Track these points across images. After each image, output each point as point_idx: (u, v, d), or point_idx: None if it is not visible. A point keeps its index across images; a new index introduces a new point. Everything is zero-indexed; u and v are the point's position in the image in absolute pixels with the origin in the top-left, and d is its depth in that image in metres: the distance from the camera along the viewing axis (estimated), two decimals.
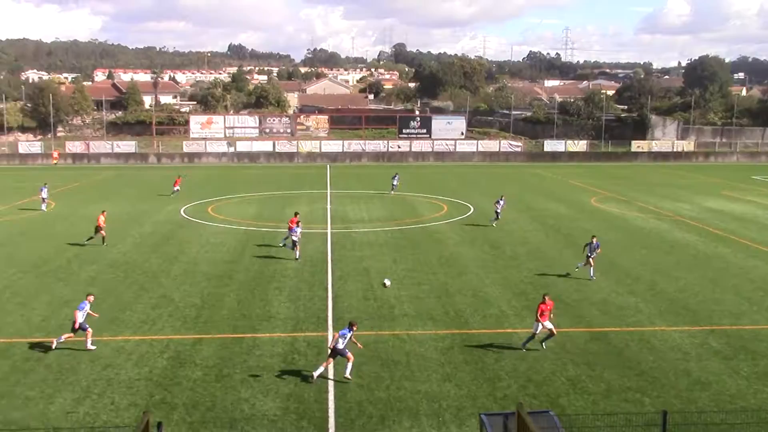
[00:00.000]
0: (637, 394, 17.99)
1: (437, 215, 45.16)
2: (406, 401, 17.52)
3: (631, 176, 71.11)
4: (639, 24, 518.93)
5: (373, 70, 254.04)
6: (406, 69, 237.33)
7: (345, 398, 17.66)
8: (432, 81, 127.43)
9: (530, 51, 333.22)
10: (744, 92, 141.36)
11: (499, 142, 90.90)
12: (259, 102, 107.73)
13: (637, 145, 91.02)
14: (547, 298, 21.31)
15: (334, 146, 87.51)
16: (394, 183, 55.96)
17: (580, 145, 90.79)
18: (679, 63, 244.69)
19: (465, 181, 65.28)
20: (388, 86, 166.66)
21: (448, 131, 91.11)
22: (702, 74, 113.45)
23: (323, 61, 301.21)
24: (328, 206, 48.67)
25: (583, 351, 20.94)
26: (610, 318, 24.15)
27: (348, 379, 18.57)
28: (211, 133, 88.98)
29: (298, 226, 33.00)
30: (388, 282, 24.46)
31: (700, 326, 23.25)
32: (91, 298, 21.67)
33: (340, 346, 18.73)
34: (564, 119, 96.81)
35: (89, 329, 20.79)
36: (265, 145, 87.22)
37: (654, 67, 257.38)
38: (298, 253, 32.38)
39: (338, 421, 16.53)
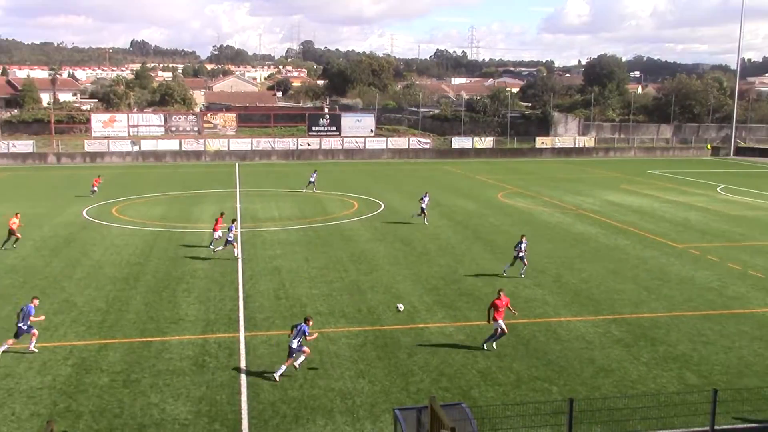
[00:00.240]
0: (545, 384, 18.53)
1: (348, 212, 45.22)
2: (320, 399, 17.49)
3: (536, 171, 73.08)
4: (541, 24, 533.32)
5: (281, 67, 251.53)
6: (315, 66, 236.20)
7: (258, 399, 17.49)
8: (341, 79, 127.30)
9: (437, 49, 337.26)
10: (640, 90, 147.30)
11: (408, 139, 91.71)
12: (164, 100, 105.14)
13: (541, 142, 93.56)
14: (502, 293, 21.30)
15: (242, 144, 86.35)
16: (312, 179, 55.72)
17: (487, 142, 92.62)
18: (579, 61, 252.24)
19: (375, 178, 65.60)
20: (296, 84, 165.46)
21: (358, 129, 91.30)
22: (601, 72, 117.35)
23: (230, 58, 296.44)
24: (238, 205, 48.01)
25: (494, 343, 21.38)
26: (518, 310, 24.72)
27: (276, 379, 18.49)
28: (114, 131, 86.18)
29: (233, 224, 32.68)
30: (401, 307, 24.22)
31: (602, 316, 24.14)
32: (36, 301, 20.98)
33: (295, 345, 18.65)
34: (471, 116, 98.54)
35: (35, 331, 20.42)
36: (171, 144, 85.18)
37: (556, 65, 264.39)
38: (233, 250, 31.96)
39: (251, 422, 16.35)
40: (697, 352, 20.76)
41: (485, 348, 20.82)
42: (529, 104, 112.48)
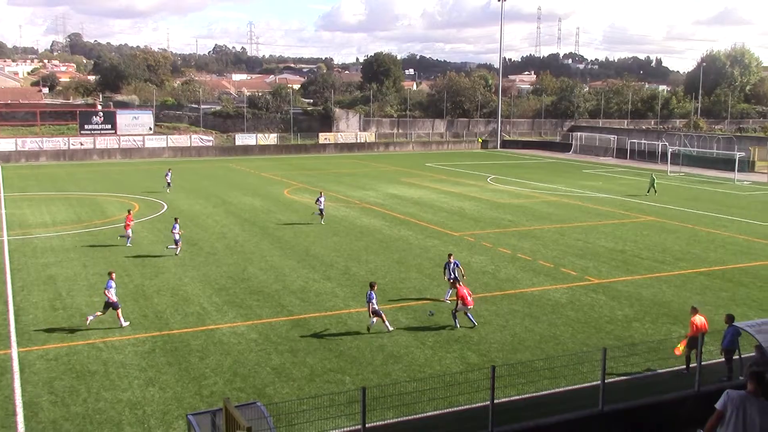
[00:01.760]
0: (339, 375, 18.93)
1: None
2: (107, 412, 16.61)
3: (321, 167, 74.15)
4: (319, 21, 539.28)
5: (46, 61, 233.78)
6: (84, 61, 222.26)
7: (37, 418, 16.26)
8: (114, 74, 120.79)
9: (216, 44, 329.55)
10: (415, 87, 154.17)
11: (190, 137, 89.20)
12: None
13: (324, 138, 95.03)
14: (459, 284, 23.06)
15: (5, 144, 79.24)
16: (168, 180, 53.78)
17: (271, 139, 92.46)
18: (357, 59, 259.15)
19: (156, 177, 63.06)
20: (64, 79, 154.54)
21: (135, 126, 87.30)
22: (378, 70, 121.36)
23: None
24: (3, 211, 44.12)
25: (286, 339, 21.50)
26: (309, 305, 25.04)
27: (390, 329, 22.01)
28: None
29: (176, 223, 32.84)
30: (432, 312, 23.66)
31: (389, 304, 25.01)
32: (114, 275, 23.25)
33: (377, 306, 21.91)
34: (254, 113, 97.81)
35: (120, 307, 22.63)
36: None
37: (335, 62, 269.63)
38: (179, 249, 32.36)
39: None
40: (476, 333, 22.20)
41: (475, 324, 22.52)
42: (311, 101, 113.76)
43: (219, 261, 31.36)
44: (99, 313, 22.48)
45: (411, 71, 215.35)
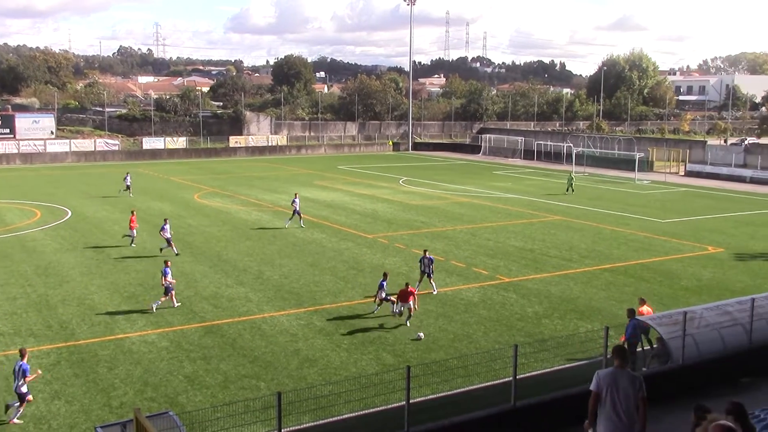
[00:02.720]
0: (253, 381, 18.72)
1: (30, 222, 41.50)
2: (11, 429, 15.92)
3: (232, 171, 73.12)
4: (228, 23, 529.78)
5: None
6: None
7: None
8: (12, 75, 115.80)
9: (121, 46, 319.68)
10: (326, 90, 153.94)
11: (95, 141, 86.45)
12: None
13: (234, 141, 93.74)
14: (409, 286, 23.72)
15: None
16: (128, 183, 52.38)
17: (180, 142, 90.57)
18: (268, 61, 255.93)
19: (59, 183, 60.92)
20: None
21: (36, 131, 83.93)
22: (289, 72, 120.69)
23: None
24: None
25: (199, 346, 21.12)
26: (222, 310, 24.67)
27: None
28: None
29: (165, 224, 33.05)
30: (421, 335, 22.35)
31: (304, 308, 24.96)
32: (169, 262, 25.16)
33: (385, 294, 23.82)
34: (162, 116, 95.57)
35: (173, 290, 24.69)
36: None
37: (245, 64, 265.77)
38: (175, 249, 32.83)
39: None
40: (391, 334, 22.35)
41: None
42: (221, 103, 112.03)
43: (127, 268, 30.51)
44: (163, 299, 24.59)
45: (322, 74, 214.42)
